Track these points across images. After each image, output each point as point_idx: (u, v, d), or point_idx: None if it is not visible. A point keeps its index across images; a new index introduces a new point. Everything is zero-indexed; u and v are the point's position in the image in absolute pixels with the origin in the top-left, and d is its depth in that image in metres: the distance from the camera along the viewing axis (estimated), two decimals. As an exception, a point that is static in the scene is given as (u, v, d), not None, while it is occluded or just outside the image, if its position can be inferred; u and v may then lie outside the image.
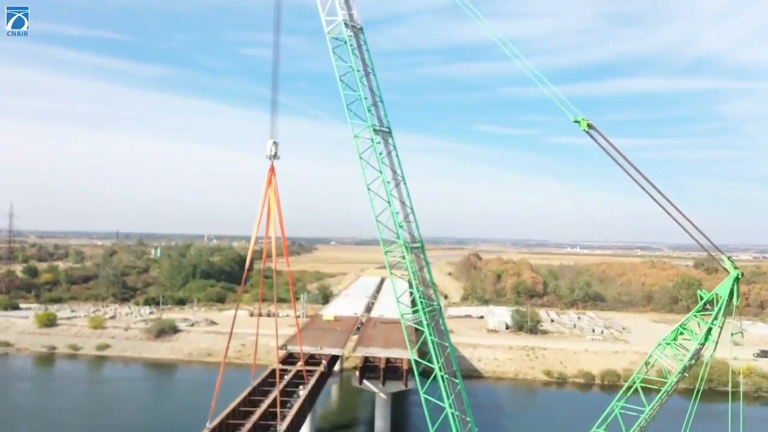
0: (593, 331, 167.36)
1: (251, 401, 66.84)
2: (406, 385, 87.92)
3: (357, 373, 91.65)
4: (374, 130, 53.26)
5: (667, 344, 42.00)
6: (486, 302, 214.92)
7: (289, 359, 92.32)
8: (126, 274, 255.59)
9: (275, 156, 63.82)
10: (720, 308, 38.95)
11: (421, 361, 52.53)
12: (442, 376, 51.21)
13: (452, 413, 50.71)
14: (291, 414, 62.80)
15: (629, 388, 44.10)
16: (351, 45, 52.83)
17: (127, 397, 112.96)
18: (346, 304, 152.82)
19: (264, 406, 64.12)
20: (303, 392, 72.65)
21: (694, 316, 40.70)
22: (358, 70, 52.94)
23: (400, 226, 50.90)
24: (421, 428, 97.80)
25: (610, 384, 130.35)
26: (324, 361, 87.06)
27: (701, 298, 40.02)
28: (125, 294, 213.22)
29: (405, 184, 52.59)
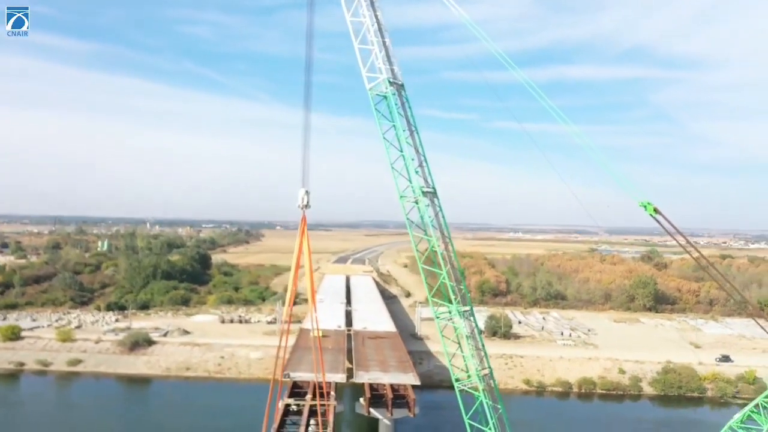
0: (562, 334, 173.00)
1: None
2: (413, 414, 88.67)
3: (362, 401, 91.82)
4: (422, 192, 53.73)
5: (734, 427, 43.61)
6: (451, 302, 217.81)
7: (294, 389, 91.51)
8: (78, 272, 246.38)
9: (307, 206, 63.32)
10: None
11: (474, 424, 53.12)
12: (496, 440, 52.09)
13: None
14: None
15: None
16: (396, 104, 52.73)
17: (111, 419, 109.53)
18: (324, 314, 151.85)
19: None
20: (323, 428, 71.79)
21: (762, 403, 42.34)
22: (403, 130, 53.03)
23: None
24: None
25: (587, 392, 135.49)
26: (332, 393, 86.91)
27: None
28: (83, 297, 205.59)
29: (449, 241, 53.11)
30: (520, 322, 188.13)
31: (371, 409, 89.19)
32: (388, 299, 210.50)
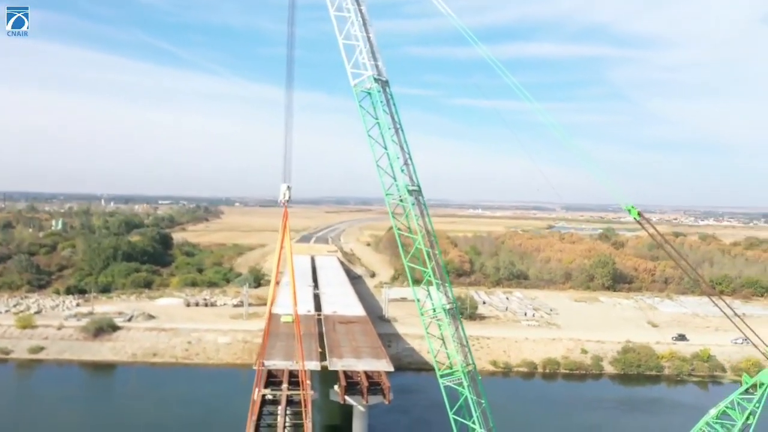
0: (526, 314, 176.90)
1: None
2: (388, 401, 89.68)
3: (337, 389, 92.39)
4: (408, 190, 53.97)
5: (711, 423, 45.24)
6: (417, 282, 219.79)
7: (268, 378, 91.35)
8: (33, 253, 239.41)
9: (288, 201, 63.26)
10: (763, 394, 42.62)
11: (459, 419, 54.03)
12: (480, 433, 53.17)
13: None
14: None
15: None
16: (381, 101, 52.56)
17: (76, 409, 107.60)
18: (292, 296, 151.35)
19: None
20: (307, 424, 72.12)
21: (737, 400, 44.04)
22: (389, 128, 52.93)
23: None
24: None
25: (552, 372, 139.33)
26: (309, 382, 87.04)
27: (745, 383, 43.71)
28: (41, 280, 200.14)
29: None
30: (484, 303, 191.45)
31: (347, 397, 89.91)
32: (353, 279, 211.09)
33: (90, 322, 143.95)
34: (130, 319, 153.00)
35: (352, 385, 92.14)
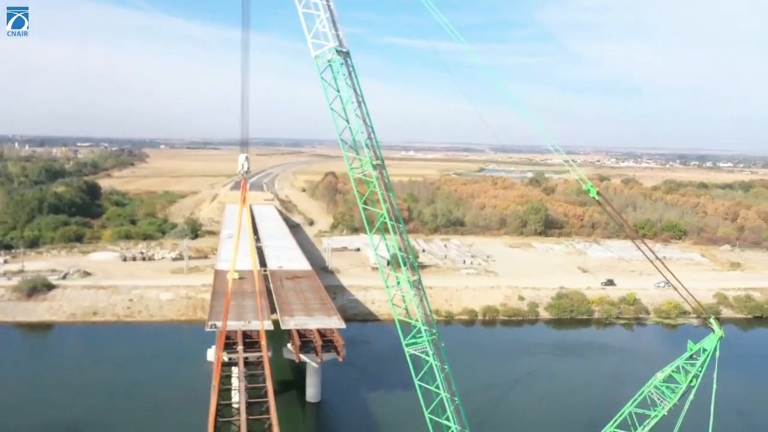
0: (464, 262, 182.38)
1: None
2: (342, 358, 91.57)
3: (291, 347, 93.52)
4: (372, 164, 54.25)
5: (658, 386, 48.95)
6: (356, 231, 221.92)
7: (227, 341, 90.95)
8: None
9: (247, 172, 62.68)
10: (705, 359, 46.55)
11: (424, 385, 56.08)
12: (445, 397, 55.63)
13: (457, 429, 55.72)
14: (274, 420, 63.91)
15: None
16: (343, 73, 51.99)
17: (13, 374, 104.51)
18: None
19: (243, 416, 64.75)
20: (269, 387, 72.81)
21: (682, 365, 47.83)
22: (352, 102, 52.57)
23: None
24: (351, 392, 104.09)
25: (491, 319, 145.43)
26: (263, 342, 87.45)
27: (690, 350, 47.47)
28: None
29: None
30: (423, 251, 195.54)
31: (301, 355, 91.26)
32: (292, 228, 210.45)
33: (22, 281, 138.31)
34: (65, 277, 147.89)
35: (305, 344, 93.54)
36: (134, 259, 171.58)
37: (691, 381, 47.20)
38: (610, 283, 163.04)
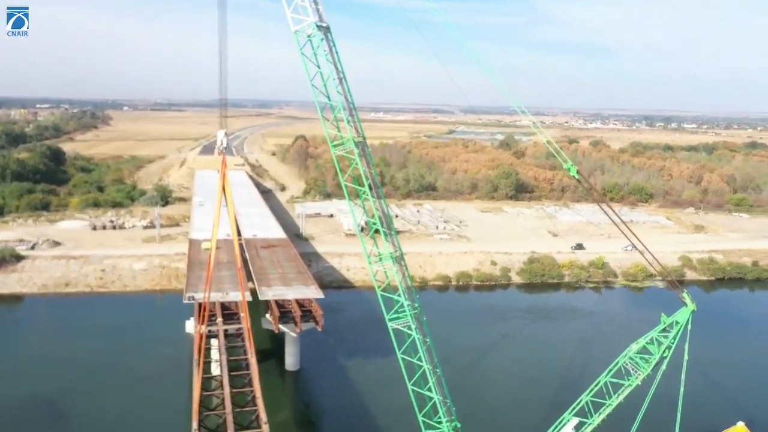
0: (437, 227, 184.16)
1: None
2: (320, 327, 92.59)
3: (270, 317, 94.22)
4: (354, 142, 54.32)
5: (632, 357, 50.94)
6: (329, 196, 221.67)
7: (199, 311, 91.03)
8: None
9: (226, 149, 62.34)
10: (678, 331, 48.51)
11: (407, 358, 57.28)
12: (428, 369, 57.02)
13: (439, 400, 57.32)
14: (258, 394, 64.87)
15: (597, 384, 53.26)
16: (323, 50, 51.62)
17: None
18: (208, 221, 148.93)
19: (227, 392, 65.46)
20: (252, 359, 73.50)
21: (656, 337, 49.80)
22: (333, 79, 52.33)
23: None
24: (329, 359, 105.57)
25: (464, 285, 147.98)
26: (243, 314, 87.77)
27: (663, 322, 49.36)
28: None
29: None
30: (396, 216, 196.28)
31: (280, 326, 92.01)
32: (264, 194, 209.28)
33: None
34: (33, 247, 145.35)
35: (284, 314, 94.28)
36: (104, 227, 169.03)
37: (663, 352, 49.23)
38: (580, 247, 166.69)
